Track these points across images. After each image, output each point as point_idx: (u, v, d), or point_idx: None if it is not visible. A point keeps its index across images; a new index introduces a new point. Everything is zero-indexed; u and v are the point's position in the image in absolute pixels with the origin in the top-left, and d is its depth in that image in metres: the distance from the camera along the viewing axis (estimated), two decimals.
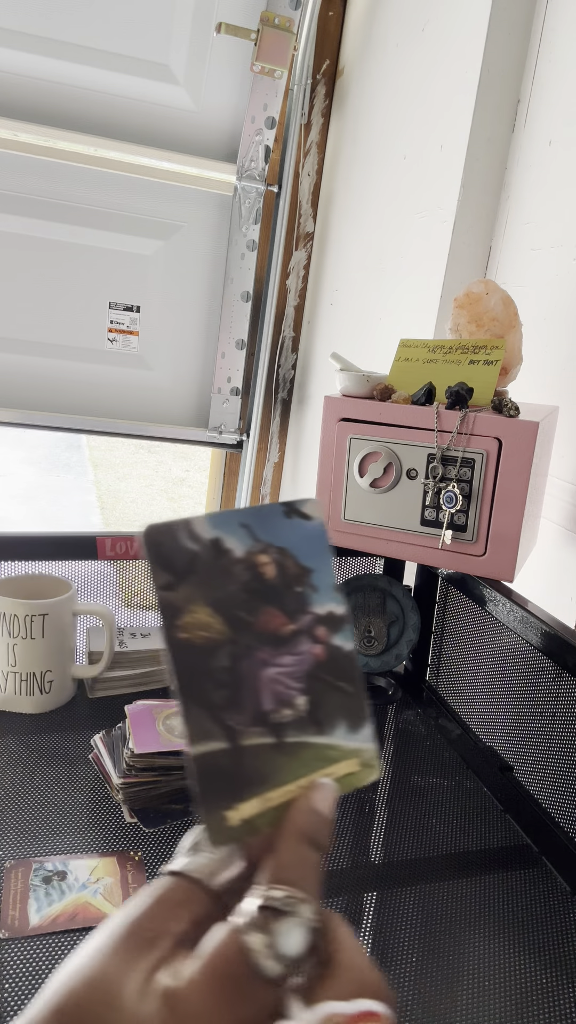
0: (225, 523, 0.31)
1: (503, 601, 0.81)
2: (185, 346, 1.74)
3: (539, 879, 0.68)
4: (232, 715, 0.29)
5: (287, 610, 0.32)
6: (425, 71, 1.26)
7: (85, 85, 1.51)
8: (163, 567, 0.29)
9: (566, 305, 0.97)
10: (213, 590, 0.30)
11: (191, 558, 0.30)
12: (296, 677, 0.31)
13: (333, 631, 0.33)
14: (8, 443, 5.83)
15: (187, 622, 0.29)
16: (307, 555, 0.33)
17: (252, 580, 0.31)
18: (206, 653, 0.29)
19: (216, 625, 0.30)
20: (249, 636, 0.30)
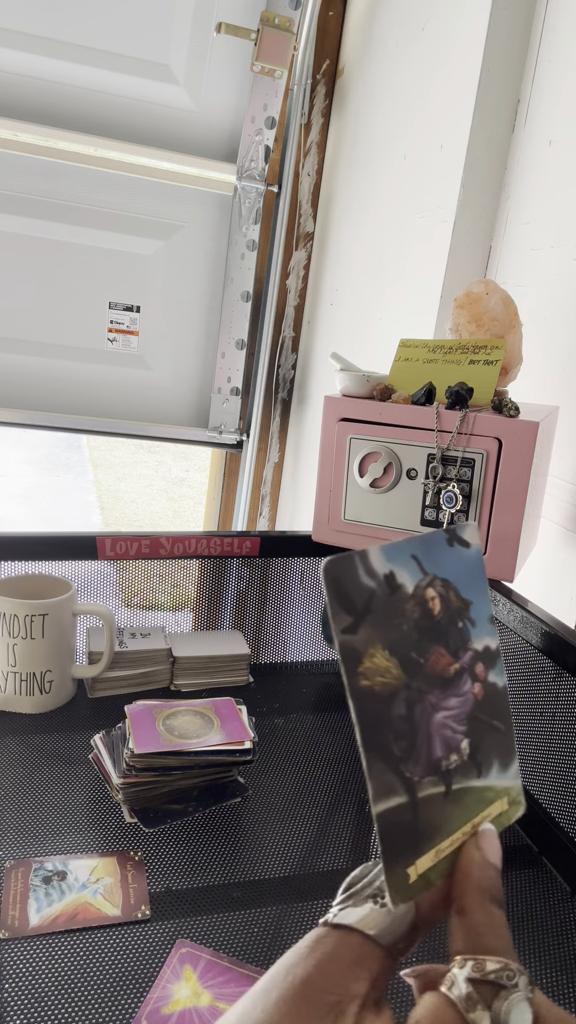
0: (398, 555, 0.29)
1: (503, 601, 0.80)
2: (185, 346, 1.74)
3: (539, 879, 0.68)
4: (410, 766, 0.28)
5: (451, 648, 0.31)
6: (425, 71, 1.26)
7: (85, 85, 1.51)
8: (344, 607, 0.27)
9: (566, 305, 0.97)
10: (389, 631, 0.28)
11: (369, 596, 0.28)
12: (460, 720, 0.30)
13: (489, 667, 0.32)
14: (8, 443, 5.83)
15: (367, 668, 0.27)
16: (467, 586, 0.32)
17: (422, 617, 0.30)
18: (386, 701, 0.28)
19: (393, 670, 0.28)
20: (421, 679, 0.29)
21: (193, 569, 1.02)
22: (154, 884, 0.62)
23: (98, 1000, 0.52)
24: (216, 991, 0.53)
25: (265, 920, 0.60)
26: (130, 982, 0.53)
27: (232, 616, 1.06)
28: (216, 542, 0.98)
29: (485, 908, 0.27)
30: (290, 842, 0.69)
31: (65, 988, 0.53)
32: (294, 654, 1.06)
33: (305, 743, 0.85)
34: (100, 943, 0.57)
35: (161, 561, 0.98)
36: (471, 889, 0.27)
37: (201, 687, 0.94)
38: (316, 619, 1.04)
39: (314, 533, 0.92)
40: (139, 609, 1.02)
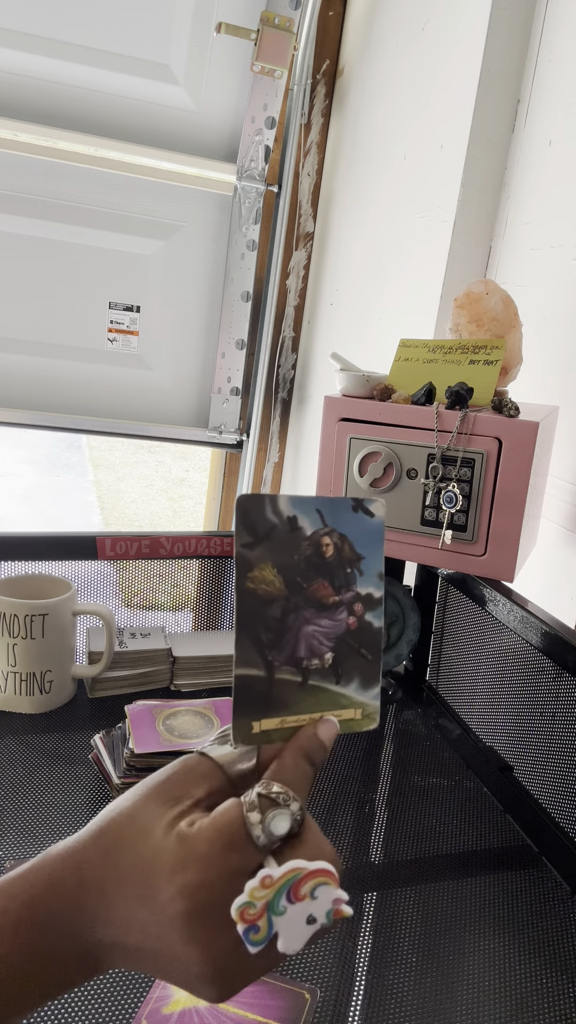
0: (303, 505, 0.37)
1: (503, 601, 0.80)
2: (185, 346, 1.74)
3: (539, 879, 0.68)
4: (272, 653, 0.36)
5: (335, 584, 0.38)
6: (425, 71, 1.26)
7: (85, 85, 1.51)
8: (247, 529, 0.35)
9: (566, 305, 0.97)
10: (281, 556, 0.36)
11: (270, 528, 0.36)
12: (329, 638, 0.38)
13: (368, 608, 0.39)
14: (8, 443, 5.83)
15: (255, 575, 0.36)
16: (363, 545, 0.39)
17: (314, 555, 0.37)
18: (264, 602, 0.36)
19: (277, 583, 0.36)
20: (300, 598, 0.37)
21: (193, 569, 1.02)
22: None
23: (98, 1000, 0.52)
24: None
25: None
26: (130, 982, 0.53)
27: (232, 616, 1.06)
28: (216, 542, 0.98)
29: (295, 759, 0.36)
30: None
31: None
32: None
33: None
34: None
35: (161, 561, 0.98)
36: (292, 745, 0.37)
37: (201, 687, 0.94)
38: None
39: None
40: (139, 609, 1.02)
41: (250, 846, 0.32)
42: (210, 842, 0.32)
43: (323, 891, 0.32)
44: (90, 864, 0.33)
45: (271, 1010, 0.52)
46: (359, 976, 0.56)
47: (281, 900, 0.31)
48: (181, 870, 0.31)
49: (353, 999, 0.54)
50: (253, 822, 0.32)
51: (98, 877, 0.32)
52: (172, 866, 0.31)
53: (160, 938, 0.31)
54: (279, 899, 0.31)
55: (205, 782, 0.35)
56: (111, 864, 0.33)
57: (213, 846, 0.32)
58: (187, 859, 0.31)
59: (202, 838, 0.32)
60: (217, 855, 0.32)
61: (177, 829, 0.33)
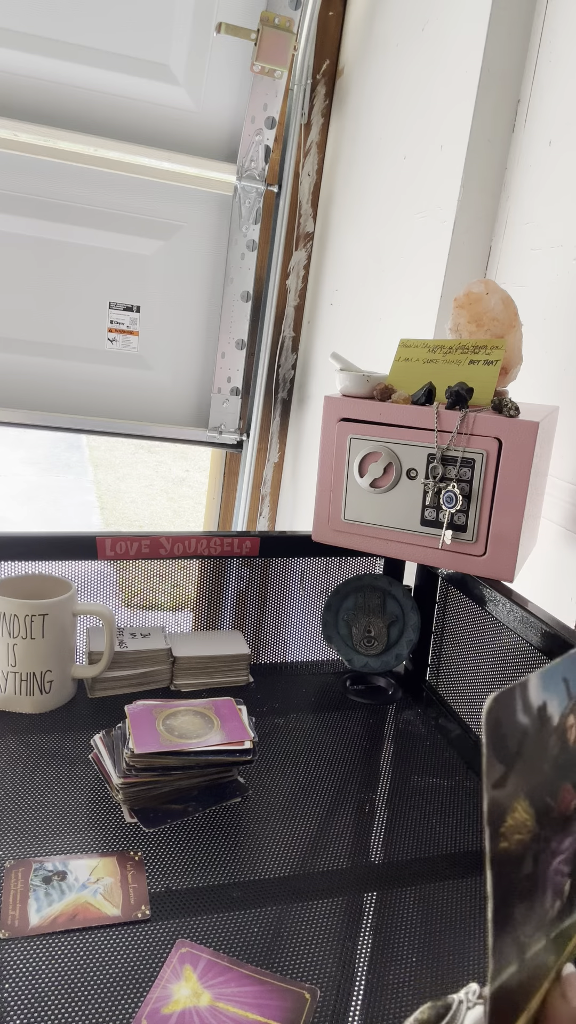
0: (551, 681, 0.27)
1: (503, 601, 0.80)
2: (185, 346, 1.74)
3: None
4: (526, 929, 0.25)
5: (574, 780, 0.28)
6: (425, 71, 1.26)
7: (85, 85, 1.51)
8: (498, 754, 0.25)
9: (566, 305, 0.97)
10: (532, 775, 0.26)
11: (522, 737, 0.26)
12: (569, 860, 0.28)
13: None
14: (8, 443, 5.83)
15: (508, 826, 0.25)
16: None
17: (560, 751, 0.27)
18: (518, 861, 0.25)
19: (529, 822, 0.26)
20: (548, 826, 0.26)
21: (193, 569, 1.02)
22: (154, 884, 0.62)
23: (98, 1000, 0.52)
24: (216, 991, 0.53)
25: (265, 920, 0.60)
26: (130, 982, 0.53)
27: (232, 616, 1.06)
28: (216, 542, 0.98)
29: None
30: (290, 842, 0.69)
31: (65, 988, 0.53)
32: (294, 654, 1.06)
33: (305, 743, 0.85)
34: (100, 943, 0.57)
35: (161, 561, 0.98)
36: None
37: (201, 687, 0.94)
38: (316, 619, 1.04)
39: (314, 533, 0.92)
40: (139, 609, 1.02)
41: None
42: None
43: None
44: None
45: (271, 1010, 0.52)
46: (359, 976, 0.56)
47: None
48: None
49: (353, 999, 0.54)
50: None
51: None
52: None
53: None
54: None
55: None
56: None
57: None
58: None
59: None
60: None
61: None
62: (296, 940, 0.59)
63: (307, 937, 0.59)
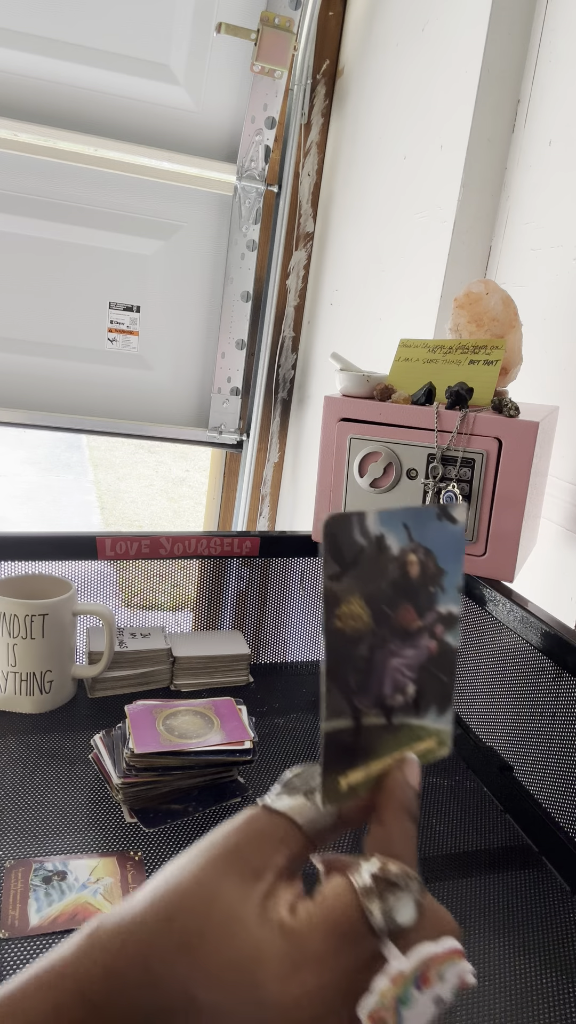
0: (391, 521, 0.33)
1: (503, 601, 0.81)
2: (185, 346, 1.74)
3: (539, 879, 0.68)
4: (360, 698, 0.33)
5: (419, 607, 0.35)
6: (425, 71, 1.26)
7: (85, 85, 1.51)
8: (335, 557, 0.31)
9: (566, 305, 0.97)
10: (368, 584, 0.32)
11: (358, 552, 0.32)
12: (412, 668, 0.35)
13: (447, 629, 0.36)
14: (8, 443, 5.83)
15: (343, 612, 0.32)
16: (445, 557, 0.35)
17: (400, 578, 0.34)
18: (352, 642, 0.32)
19: (365, 617, 0.32)
20: (387, 629, 0.33)
21: (193, 569, 1.02)
22: None
23: None
24: None
25: None
26: None
27: (232, 616, 1.06)
28: (216, 542, 0.98)
29: (401, 822, 0.32)
30: None
31: None
32: (294, 654, 1.06)
33: (305, 743, 0.85)
34: None
35: (161, 561, 0.98)
36: (391, 804, 0.32)
37: (201, 687, 0.94)
38: (316, 619, 1.04)
39: (314, 533, 0.92)
40: (139, 609, 1.02)
41: (368, 936, 0.28)
42: (324, 938, 0.27)
43: (451, 970, 0.29)
44: (163, 959, 0.27)
45: None
46: None
47: (411, 991, 0.28)
48: (295, 973, 0.26)
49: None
50: (373, 911, 0.28)
51: (180, 977, 0.27)
52: (282, 968, 0.26)
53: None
54: (409, 991, 0.28)
55: (284, 847, 0.30)
56: (195, 960, 0.27)
57: (328, 943, 0.27)
58: (299, 960, 0.27)
59: (315, 933, 0.27)
60: (334, 954, 0.27)
61: (278, 918, 0.28)
62: None
63: None
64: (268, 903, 0.28)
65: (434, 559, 0.35)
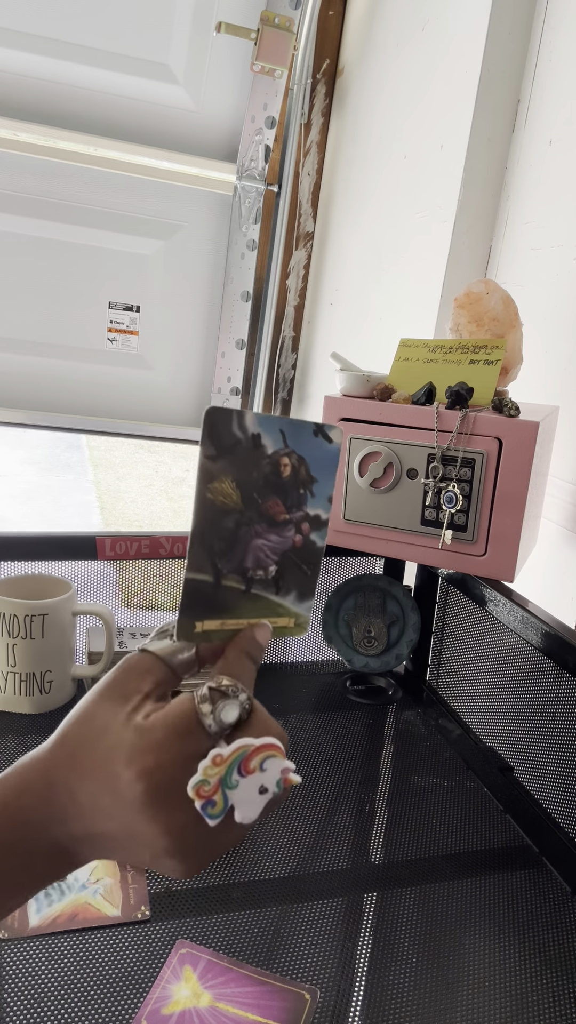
0: (268, 424, 0.38)
1: (503, 601, 0.80)
2: (185, 346, 1.74)
3: (539, 879, 0.68)
4: (222, 561, 0.39)
5: (288, 503, 0.40)
6: (425, 71, 1.26)
7: (85, 85, 1.51)
8: (212, 442, 0.36)
9: (566, 305, 0.97)
10: (241, 471, 0.38)
11: (234, 442, 0.37)
12: (275, 552, 0.41)
13: (314, 529, 0.42)
14: (8, 443, 5.82)
15: (214, 487, 0.37)
16: (318, 468, 0.41)
17: (271, 474, 0.39)
18: (220, 513, 0.38)
19: (234, 496, 0.38)
20: (254, 512, 0.39)
21: None
22: (154, 884, 0.62)
23: (98, 1000, 0.52)
24: (216, 991, 0.53)
25: (265, 920, 0.60)
26: (130, 982, 0.53)
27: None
28: None
29: (239, 657, 0.39)
30: (290, 842, 0.69)
31: (65, 989, 0.53)
32: (294, 654, 1.06)
33: (305, 743, 0.85)
34: (100, 943, 0.57)
35: (161, 561, 0.98)
36: (235, 647, 0.40)
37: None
38: (316, 619, 1.04)
39: None
40: (139, 609, 1.02)
41: (202, 733, 0.35)
42: (165, 730, 0.35)
43: (271, 763, 0.34)
44: (57, 766, 0.35)
45: (271, 1010, 0.52)
46: (359, 976, 0.56)
47: (233, 775, 0.34)
48: (139, 756, 0.34)
49: (353, 999, 0.54)
50: (205, 712, 0.35)
51: (64, 776, 0.35)
52: (130, 754, 0.34)
53: (125, 822, 0.34)
54: (231, 774, 0.34)
55: (150, 675, 0.38)
56: (75, 764, 0.35)
57: (168, 733, 0.34)
58: (144, 746, 0.34)
59: (158, 727, 0.35)
60: (172, 740, 0.34)
61: (134, 722, 0.35)
62: (296, 941, 0.59)
63: (307, 938, 0.59)
64: (132, 715, 0.35)
65: (307, 466, 0.40)
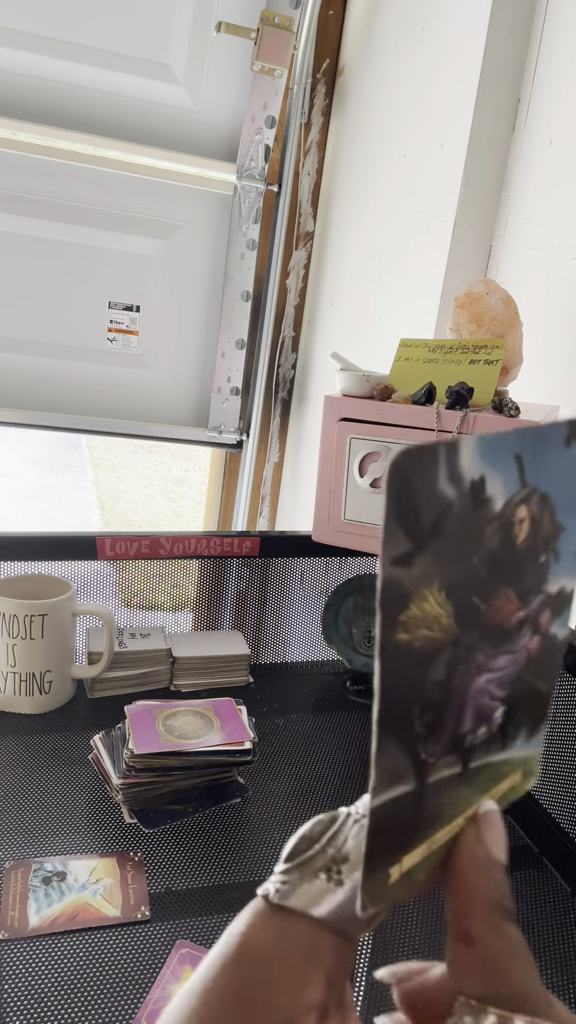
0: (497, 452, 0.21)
1: None
2: (185, 346, 1.73)
3: (539, 880, 0.68)
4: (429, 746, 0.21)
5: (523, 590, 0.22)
6: (425, 70, 1.26)
7: (85, 85, 1.51)
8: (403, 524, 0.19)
9: (566, 305, 0.97)
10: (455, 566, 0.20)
11: (443, 513, 0.19)
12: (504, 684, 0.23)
13: (555, 615, 0.24)
14: (8, 443, 5.83)
15: (411, 616, 0.19)
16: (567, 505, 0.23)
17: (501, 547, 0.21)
18: (423, 663, 0.20)
19: (444, 619, 0.20)
20: (474, 632, 0.21)
21: (193, 569, 1.01)
22: (154, 885, 0.62)
23: (98, 1001, 0.52)
24: None
25: None
26: (130, 982, 0.53)
27: (232, 616, 1.06)
28: (216, 542, 0.98)
29: (499, 930, 0.20)
30: None
31: (65, 989, 0.53)
32: (294, 654, 1.06)
33: (305, 743, 0.85)
34: (100, 944, 0.57)
35: (161, 561, 0.98)
36: (478, 905, 0.21)
37: (201, 687, 0.94)
38: (316, 619, 1.04)
39: (314, 533, 0.92)
40: (139, 609, 1.02)
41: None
42: None
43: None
44: None
45: None
46: (359, 976, 0.56)
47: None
48: None
49: (353, 999, 0.54)
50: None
51: None
52: None
53: None
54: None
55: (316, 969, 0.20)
56: None
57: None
58: None
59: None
60: None
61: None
62: None
63: None
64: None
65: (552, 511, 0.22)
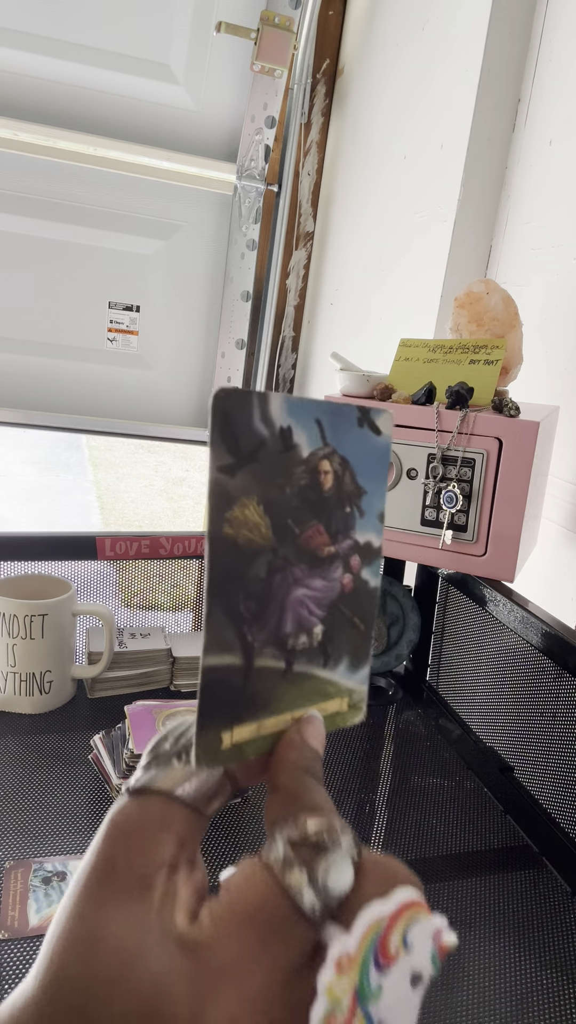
0: (301, 412, 0.26)
1: (503, 601, 0.80)
2: (185, 346, 1.74)
3: (539, 879, 0.68)
4: (254, 631, 0.26)
5: (332, 530, 0.28)
6: (425, 70, 1.26)
7: (85, 85, 1.51)
8: (227, 445, 0.24)
9: (566, 305, 0.97)
10: (270, 488, 0.26)
11: (258, 444, 0.25)
12: (321, 604, 0.28)
13: (365, 563, 0.29)
14: (8, 443, 5.83)
15: (235, 516, 0.25)
16: (366, 474, 0.29)
17: (309, 487, 0.27)
18: (246, 557, 0.25)
19: (263, 528, 0.26)
20: (291, 549, 0.27)
21: (193, 569, 1.01)
22: None
23: None
24: None
25: None
26: None
27: None
28: None
29: (300, 779, 0.25)
30: None
31: None
32: None
33: None
34: None
35: (161, 561, 0.98)
36: (286, 765, 0.26)
37: None
38: None
39: None
40: (139, 609, 1.02)
41: (300, 923, 0.21)
42: (238, 942, 0.20)
43: (417, 931, 0.21)
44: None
45: None
46: None
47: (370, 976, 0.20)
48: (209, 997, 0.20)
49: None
50: (297, 886, 0.21)
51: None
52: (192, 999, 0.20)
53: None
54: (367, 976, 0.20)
55: (168, 834, 0.23)
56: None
57: (244, 947, 0.20)
58: (212, 979, 0.20)
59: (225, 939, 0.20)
60: (256, 958, 0.20)
61: (175, 934, 0.21)
62: None
63: None
64: (163, 917, 0.21)
65: (352, 473, 0.28)
